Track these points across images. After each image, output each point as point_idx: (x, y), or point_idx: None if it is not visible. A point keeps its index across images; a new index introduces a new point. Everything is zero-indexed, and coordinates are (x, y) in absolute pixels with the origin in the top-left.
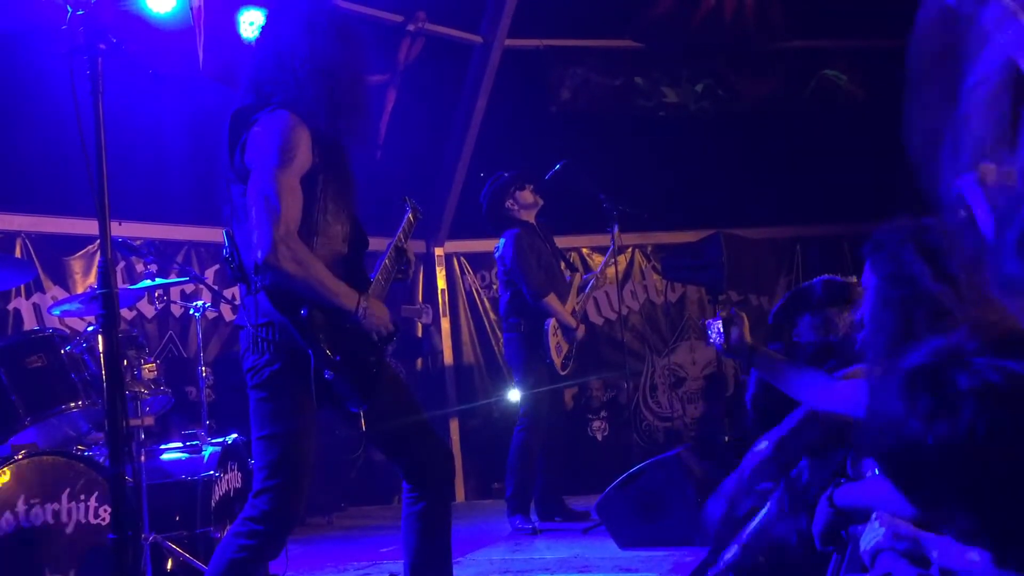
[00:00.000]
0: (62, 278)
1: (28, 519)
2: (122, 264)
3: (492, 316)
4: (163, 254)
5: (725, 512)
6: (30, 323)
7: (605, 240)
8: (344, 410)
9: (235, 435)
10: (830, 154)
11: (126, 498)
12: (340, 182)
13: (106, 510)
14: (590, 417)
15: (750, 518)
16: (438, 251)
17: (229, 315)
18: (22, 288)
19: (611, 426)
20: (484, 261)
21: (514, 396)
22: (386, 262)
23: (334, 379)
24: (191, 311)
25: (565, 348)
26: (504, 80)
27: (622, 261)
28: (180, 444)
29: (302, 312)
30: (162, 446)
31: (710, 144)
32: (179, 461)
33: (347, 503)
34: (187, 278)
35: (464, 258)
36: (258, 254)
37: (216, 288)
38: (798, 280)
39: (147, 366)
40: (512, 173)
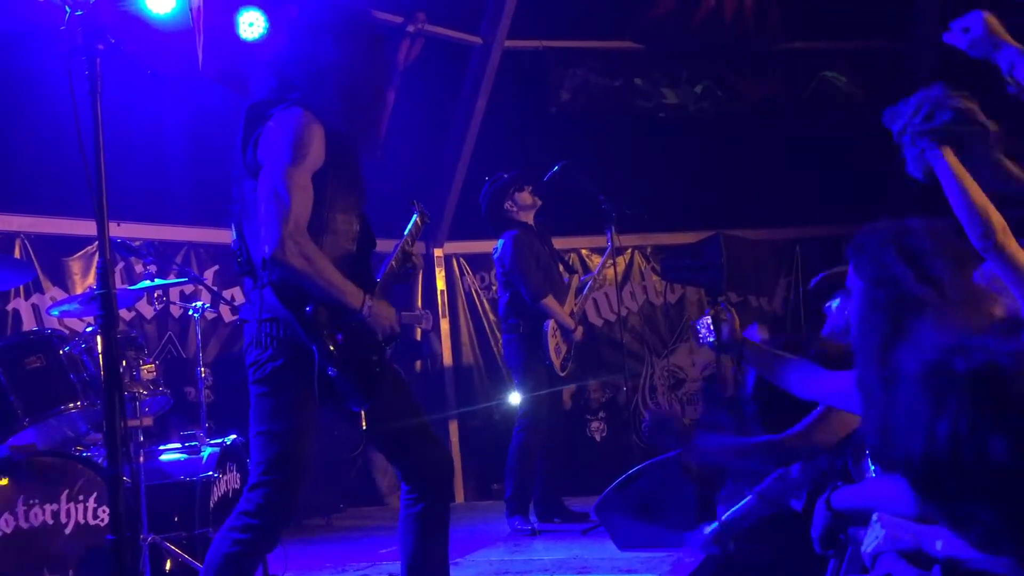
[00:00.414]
0: (61, 279)
1: (27, 520)
2: (121, 265)
3: (491, 317)
4: (162, 255)
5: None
6: (29, 324)
7: (604, 241)
8: (345, 409)
9: (234, 436)
10: (830, 155)
11: (125, 499)
12: (351, 181)
13: (105, 511)
14: (588, 418)
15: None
16: (437, 252)
17: (228, 316)
18: (21, 289)
19: (610, 427)
20: (483, 262)
21: (515, 399)
22: (392, 264)
23: (337, 376)
24: (190, 312)
25: (564, 349)
26: (504, 81)
27: (621, 262)
28: (179, 445)
29: (307, 309)
30: (161, 447)
31: (710, 145)
32: (178, 462)
33: (346, 504)
34: (186, 279)
35: (463, 259)
36: (266, 249)
37: (215, 289)
38: (798, 281)
39: (146, 367)
40: (511, 174)
